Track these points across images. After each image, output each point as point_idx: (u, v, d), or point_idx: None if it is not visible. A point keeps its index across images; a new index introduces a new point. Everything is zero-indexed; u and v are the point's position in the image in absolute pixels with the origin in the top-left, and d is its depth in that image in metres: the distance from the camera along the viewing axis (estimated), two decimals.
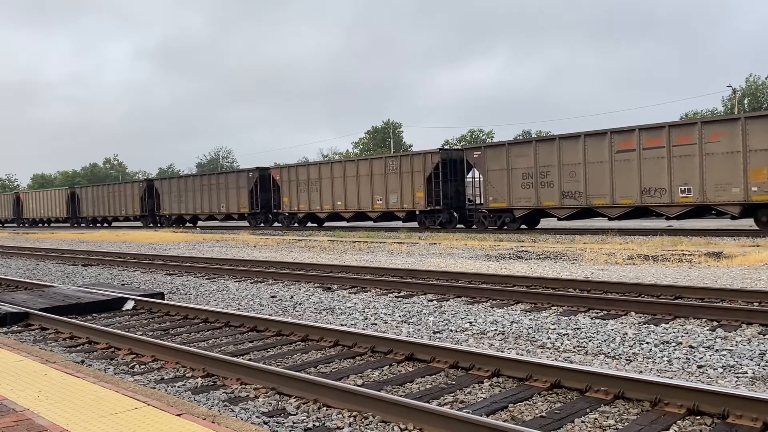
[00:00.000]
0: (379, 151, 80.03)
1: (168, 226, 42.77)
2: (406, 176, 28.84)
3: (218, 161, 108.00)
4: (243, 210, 37.81)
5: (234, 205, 38.28)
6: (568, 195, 23.16)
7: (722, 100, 71.43)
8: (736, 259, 12.74)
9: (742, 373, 5.29)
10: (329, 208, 32.43)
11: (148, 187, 45.76)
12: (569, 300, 8.50)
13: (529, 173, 24.27)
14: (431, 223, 28.28)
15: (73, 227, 51.01)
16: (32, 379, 4.89)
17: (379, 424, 4.23)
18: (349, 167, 31.65)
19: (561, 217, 23.82)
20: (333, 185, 32.15)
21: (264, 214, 37.02)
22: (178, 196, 42.61)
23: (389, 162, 29.86)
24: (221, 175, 40.73)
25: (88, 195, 51.76)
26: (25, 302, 9.32)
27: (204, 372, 5.64)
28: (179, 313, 8.73)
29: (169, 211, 43.50)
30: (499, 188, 25.17)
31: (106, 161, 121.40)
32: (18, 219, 60.08)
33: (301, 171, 34.30)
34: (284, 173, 35.24)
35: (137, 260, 17.66)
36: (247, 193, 37.16)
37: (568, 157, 23.06)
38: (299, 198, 34.03)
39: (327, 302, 9.43)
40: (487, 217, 26.14)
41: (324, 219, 34.04)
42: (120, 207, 47.74)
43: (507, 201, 24.93)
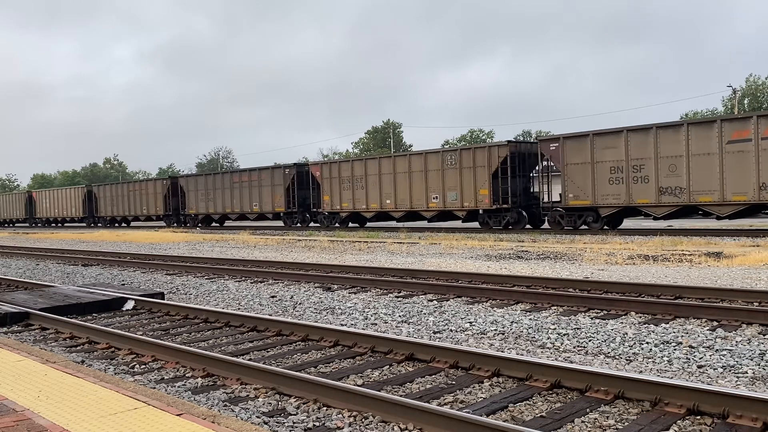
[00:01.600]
0: (379, 151, 79.93)
1: (194, 226, 40.83)
2: (467, 172, 26.26)
3: (218, 161, 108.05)
4: (278, 209, 35.45)
5: (268, 204, 35.96)
6: (667, 191, 20.72)
7: (722, 100, 71.49)
8: (736, 259, 12.74)
9: (742, 373, 5.29)
10: (376, 206, 30.10)
11: (172, 185, 43.16)
12: (569, 300, 8.50)
13: (618, 167, 21.68)
14: (496, 223, 26.02)
15: (90, 227, 48.82)
16: (32, 379, 4.89)
17: (379, 424, 4.23)
18: (400, 162, 29.28)
19: (658, 215, 21.36)
20: (381, 182, 29.75)
21: (301, 213, 34.87)
22: (205, 194, 40.11)
23: (447, 156, 27.32)
24: (254, 171, 37.64)
25: (106, 193, 49.48)
26: (25, 302, 9.32)
27: (204, 372, 5.64)
28: (179, 313, 8.73)
29: (195, 210, 41.04)
30: (581, 184, 22.65)
31: (106, 161, 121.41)
32: (30, 219, 57.86)
33: (344, 167, 31.91)
34: (325, 169, 32.84)
35: (137, 260, 17.66)
36: (283, 191, 34.89)
37: (667, 149, 20.57)
38: (342, 196, 31.70)
39: (327, 302, 9.43)
40: (564, 217, 23.59)
41: (370, 219, 31.80)
42: (141, 206, 45.25)
43: (591, 198, 22.39)
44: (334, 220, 32.48)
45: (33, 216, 57.30)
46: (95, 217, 50.45)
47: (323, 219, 33.15)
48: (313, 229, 32.53)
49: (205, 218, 40.92)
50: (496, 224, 25.97)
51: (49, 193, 56.91)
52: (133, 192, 46.24)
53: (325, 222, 32.95)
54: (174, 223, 42.97)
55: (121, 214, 47.56)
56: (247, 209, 37.34)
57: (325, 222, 32.95)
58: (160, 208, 43.52)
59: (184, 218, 42.45)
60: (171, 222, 43.26)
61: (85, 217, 51.00)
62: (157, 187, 44.14)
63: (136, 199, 45.72)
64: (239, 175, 38.43)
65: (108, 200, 48.91)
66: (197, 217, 41.14)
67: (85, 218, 51.19)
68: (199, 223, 40.73)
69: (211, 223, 41.17)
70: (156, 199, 43.76)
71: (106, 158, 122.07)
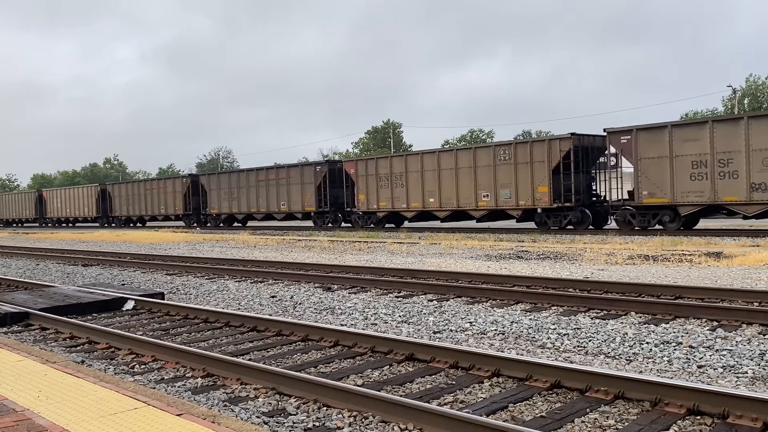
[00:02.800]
0: (379, 151, 79.91)
1: (216, 226, 39.23)
2: (523, 167, 24.33)
3: (218, 161, 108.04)
4: (308, 208, 33.48)
5: (297, 203, 34.02)
6: (761, 188, 18.94)
7: (722, 100, 71.47)
8: (736, 259, 12.74)
9: (742, 373, 5.29)
10: (418, 205, 28.10)
11: (192, 183, 41.18)
12: (569, 300, 8.50)
13: (701, 161, 19.86)
14: (555, 223, 24.14)
15: (104, 228, 47.25)
16: (32, 379, 4.89)
17: (379, 424, 4.23)
18: (445, 158, 27.18)
19: (749, 214, 19.68)
20: (423, 179, 27.68)
21: (333, 213, 32.87)
22: (228, 193, 38.12)
23: (500, 151, 25.26)
24: (282, 169, 35.93)
25: (121, 192, 47.58)
26: (25, 302, 9.32)
27: (204, 372, 5.64)
28: (179, 313, 8.73)
29: (217, 209, 39.11)
30: (657, 180, 20.78)
31: (106, 161, 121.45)
32: (40, 218, 56.01)
33: (382, 164, 29.80)
34: (360, 166, 30.70)
35: (137, 260, 17.66)
36: (314, 189, 32.89)
37: (761, 141, 18.89)
38: (379, 194, 29.59)
39: (327, 302, 9.43)
40: (635, 216, 21.73)
41: (410, 218, 29.76)
42: (158, 205, 43.35)
43: (669, 196, 20.58)
44: (370, 220, 30.62)
45: (43, 216, 55.69)
46: (109, 216, 48.91)
47: (357, 219, 31.35)
48: (344, 229, 31.00)
49: (227, 218, 39.25)
50: (556, 224, 24.08)
51: (60, 192, 55.09)
52: (150, 191, 44.41)
53: (360, 222, 31.13)
54: (194, 223, 41.36)
55: (137, 213, 45.85)
56: (274, 209, 35.60)
57: (360, 222, 31.13)
58: (179, 207, 41.77)
59: (205, 218, 40.75)
60: (191, 222, 41.66)
61: (98, 216, 49.47)
62: (177, 186, 42.34)
63: (153, 198, 43.93)
64: (266, 173, 36.34)
65: (123, 199, 47.12)
66: (219, 217, 39.46)
67: (98, 218, 49.68)
68: (221, 223, 39.18)
69: (233, 223, 39.61)
70: (175, 198, 42.00)
71: (106, 158, 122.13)
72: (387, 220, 30.62)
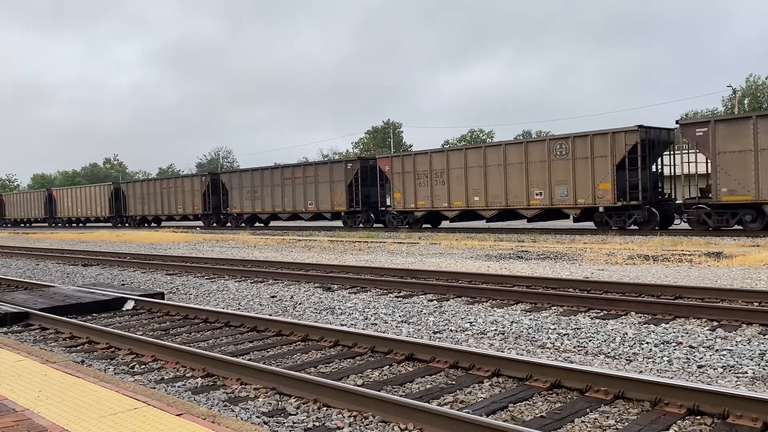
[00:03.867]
0: (379, 151, 79.89)
1: (237, 226, 37.59)
2: (582, 163, 22.67)
3: (218, 161, 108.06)
4: (338, 208, 31.90)
5: (326, 203, 32.42)
6: None
7: (722, 100, 71.54)
8: (736, 259, 12.74)
9: (742, 373, 5.29)
10: (460, 204, 26.35)
11: (212, 182, 39.53)
12: (569, 300, 8.50)
13: None
14: (618, 223, 22.35)
15: (117, 228, 45.79)
16: (32, 379, 4.89)
17: (379, 424, 4.23)
18: (491, 154, 25.42)
19: None
20: (467, 176, 25.94)
21: (365, 212, 31.20)
22: (251, 191, 36.42)
23: (556, 145, 23.45)
24: (310, 166, 34.34)
25: (135, 191, 45.82)
26: (25, 302, 9.32)
27: (204, 372, 5.64)
28: (179, 313, 8.73)
29: (239, 209, 37.45)
30: (738, 176, 19.23)
31: (106, 161, 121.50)
32: (50, 218, 54.25)
33: (420, 160, 28.01)
34: (396, 163, 28.97)
35: (137, 260, 17.66)
36: (344, 187, 31.26)
37: None
38: (417, 193, 27.90)
39: (327, 302, 9.43)
40: (711, 215, 20.21)
41: (452, 218, 27.73)
42: (176, 205, 41.68)
43: (753, 193, 19.01)
44: (406, 220, 28.99)
45: (53, 216, 54.04)
46: (123, 216, 47.32)
47: (392, 219, 29.67)
48: (376, 229, 29.35)
49: (250, 218, 37.60)
50: (619, 224, 22.36)
51: (71, 191, 53.28)
52: (167, 189, 42.62)
53: (394, 222, 29.47)
54: (214, 223, 39.88)
55: (153, 213, 44.22)
56: (300, 208, 33.86)
57: (394, 222, 29.47)
58: (198, 206, 40.15)
59: (226, 218, 39.16)
60: (210, 222, 40.17)
61: (111, 216, 47.84)
62: (195, 184, 40.59)
63: (170, 197, 42.22)
64: (292, 171, 34.73)
65: (138, 198, 45.42)
66: (241, 217, 37.78)
67: (111, 218, 48.08)
68: (243, 223, 37.54)
69: (256, 223, 37.99)
70: (194, 197, 40.39)
71: (106, 158, 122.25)
72: (426, 219, 28.94)
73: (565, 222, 26.09)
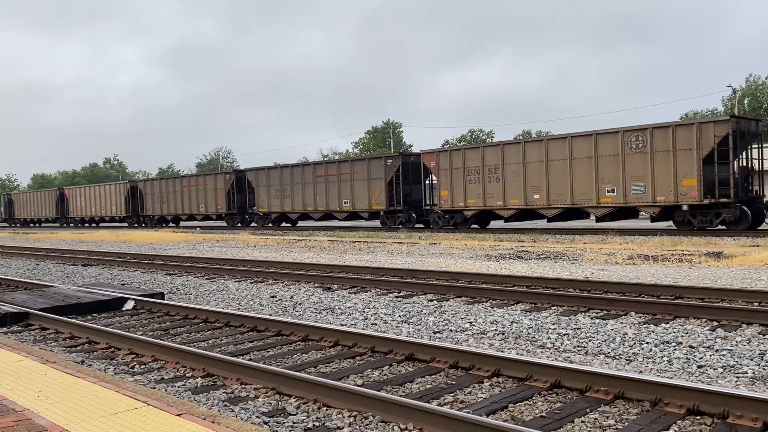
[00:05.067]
0: (380, 152, 79.84)
1: (263, 226, 35.98)
2: (662, 157, 20.66)
3: (218, 161, 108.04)
4: (377, 207, 29.91)
5: (363, 201, 30.49)
6: None
7: (722, 100, 71.52)
8: (736, 259, 12.74)
9: (742, 373, 5.29)
10: (517, 202, 24.42)
11: (237, 180, 37.91)
12: (569, 300, 8.50)
13: None
14: (705, 222, 20.50)
15: (133, 228, 44.20)
16: (32, 379, 4.89)
17: (379, 424, 4.23)
18: (555, 147, 23.39)
19: None
20: (526, 172, 24.04)
21: (407, 212, 29.21)
22: (280, 190, 34.74)
23: (631, 138, 21.48)
24: (345, 163, 32.57)
25: (154, 190, 44.07)
26: (25, 302, 9.32)
27: (204, 372, 5.64)
28: (179, 313, 8.73)
29: (267, 208, 35.61)
30: None
31: (106, 161, 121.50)
32: (62, 218, 52.97)
33: (470, 155, 25.99)
34: (443, 158, 26.84)
35: (137, 260, 17.66)
36: (384, 185, 29.34)
37: None
38: (467, 190, 25.89)
39: (327, 302, 9.43)
40: None
41: (507, 218, 25.53)
42: (197, 204, 40.00)
43: None
44: (453, 220, 26.96)
45: (65, 215, 52.72)
46: (140, 216, 45.54)
47: (437, 218, 27.64)
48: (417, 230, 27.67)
49: (278, 217, 35.76)
50: (704, 224, 20.54)
51: (85, 190, 51.63)
52: (188, 188, 40.84)
53: (440, 222, 27.47)
54: (238, 223, 38.20)
55: (173, 212, 42.47)
56: (334, 207, 32.03)
57: (440, 222, 27.47)
58: (221, 206, 38.41)
59: (251, 217, 37.34)
60: (234, 222, 38.48)
61: (127, 216, 46.11)
62: (219, 182, 38.85)
63: (191, 196, 40.47)
64: (325, 168, 32.93)
65: (156, 197, 43.66)
66: (268, 217, 35.93)
67: (127, 218, 46.30)
68: (270, 223, 35.83)
69: (284, 222, 36.24)
70: (216, 196, 38.67)
71: (106, 158, 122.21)
72: (476, 218, 26.84)
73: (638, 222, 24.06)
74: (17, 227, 57.05)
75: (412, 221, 29.28)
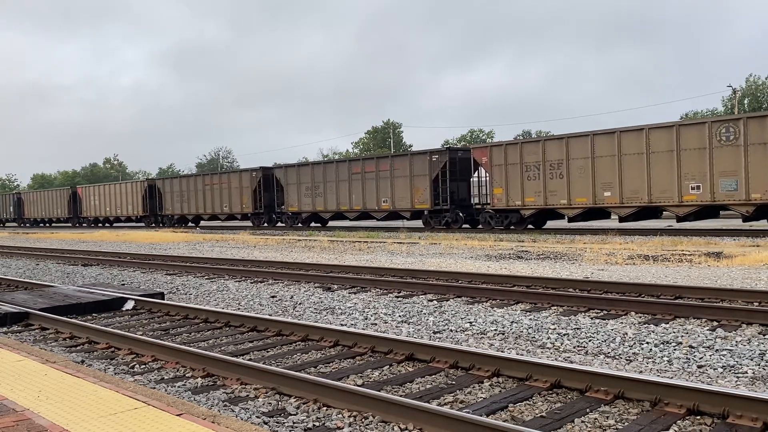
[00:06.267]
0: (380, 152, 79.75)
1: (291, 226, 34.39)
2: (759, 150, 18.63)
3: (218, 161, 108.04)
4: (420, 206, 27.91)
5: (404, 200, 28.49)
6: None
7: (722, 100, 71.53)
8: (736, 259, 12.73)
9: (742, 373, 5.29)
10: (585, 201, 22.46)
11: (264, 177, 36.06)
12: (569, 300, 8.50)
13: None
14: None
15: (150, 228, 42.55)
16: (32, 379, 4.89)
17: (379, 424, 4.23)
18: (629, 140, 21.35)
19: None
20: (594, 167, 22.05)
21: (453, 211, 27.13)
22: (311, 188, 32.86)
23: (720, 129, 19.46)
24: (384, 159, 30.39)
25: (173, 188, 42.19)
26: (25, 302, 9.31)
27: (204, 372, 5.64)
28: (179, 313, 8.73)
29: (297, 207, 33.77)
30: None
31: (106, 161, 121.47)
32: (74, 218, 51.43)
33: (529, 149, 23.98)
34: (496, 153, 24.87)
35: (137, 260, 17.66)
36: (428, 183, 27.38)
37: None
38: (525, 188, 23.94)
39: (327, 302, 9.43)
40: None
41: (572, 217, 23.45)
42: (221, 203, 38.35)
43: None
44: (508, 220, 25.00)
45: (78, 215, 51.04)
46: (158, 216, 43.87)
47: (489, 218, 25.61)
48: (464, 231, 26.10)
49: (310, 217, 34.03)
50: None
51: (99, 189, 49.57)
52: (211, 186, 39.18)
53: (492, 222, 25.50)
54: (265, 223, 36.55)
55: (193, 212, 40.77)
56: (372, 206, 30.01)
57: (492, 222, 25.50)
58: (247, 205, 36.63)
59: (279, 217, 35.65)
60: (261, 222, 36.71)
61: (145, 216, 44.40)
62: (244, 180, 37.01)
63: (214, 195, 38.85)
64: (362, 164, 30.79)
65: (176, 196, 41.86)
66: (299, 216, 34.23)
67: (144, 217, 44.62)
68: (300, 223, 34.25)
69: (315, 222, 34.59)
70: (242, 195, 36.94)
71: (106, 158, 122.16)
72: (536, 218, 25.03)
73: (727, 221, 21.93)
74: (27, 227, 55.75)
75: (460, 221, 27.24)
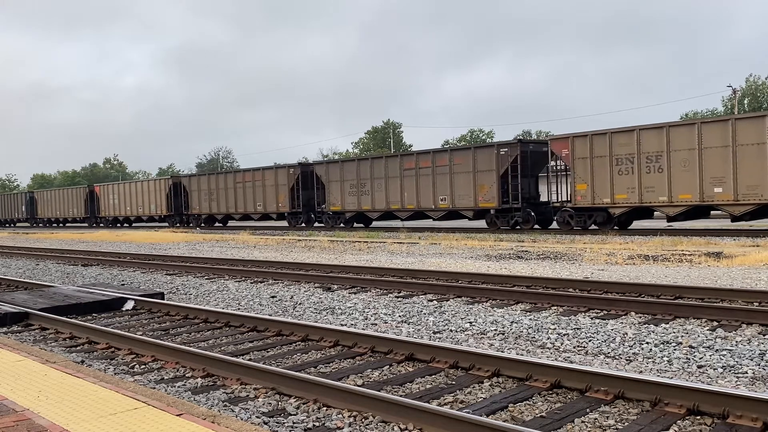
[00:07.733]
0: (380, 151, 79.70)
1: (332, 226, 32.00)
2: None
3: (218, 161, 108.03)
4: (485, 204, 25.55)
5: (466, 198, 26.16)
6: None
7: (722, 100, 71.56)
8: (736, 259, 12.73)
9: (742, 373, 5.29)
10: (689, 197, 19.95)
11: (302, 174, 33.94)
12: (569, 300, 8.50)
13: None
14: None
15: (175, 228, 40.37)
16: (32, 379, 4.89)
17: (379, 424, 4.23)
18: (745, 128, 18.77)
19: None
20: (702, 160, 19.49)
21: (524, 210, 24.80)
22: (357, 185, 30.63)
23: None
24: (442, 153, 27.68)
25: (201, 186, 39.86)
26: (25, 302, 9.31)
27: (204, 372, 5.64)
28: (179, 313, 8.73)
29: (340, 206, 31.74)
30: None
31: (106, 161, 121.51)
32: (92, 218, 49.79)
33: (620, 140, 21.36)
34: (579, 145, 22.30)
35: (137, 260, 17.65)
36: (495, 178, 25.13)
37: None
38: (614, 183, 21.46)
39: (327, 302, 9.43)
40: None
41: (672, 216, 20.89)
42: (254, 202, 36.21)
43: None
44: (592, 219, 22.68)
45: (96, 215, 49.39)
46: (184, 215, 41.86)
47: (568, 218, 23.15)
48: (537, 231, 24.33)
49: (354, 216, 31.58)
50: None
51: (119, 187, 47.69)
52: (243, 184, 37.00)
53: (571, 222, 23.06)
54: (303, 222, 34.33)
55: (223, 211, 38.71)
56: (427, 205, 27.75)
57: (571, 222, 23.06)
58: (283, 203, 34.48)
59: (320, 216, 33.34)
60: (298, 221, 34.60)
61: (168, 215, 42.43)
62: (281, 178, 34.73)
63: (247, 193, 36.70)
64: (416, 159, 28.35)
65: (204, 195, 39.79)
66: (341, 216, 31.76)
67: (168, 217, 42.61)
68: (343, 223, 31.84)
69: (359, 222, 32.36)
70: (278, 193, 34.74)
71: (106, 158, 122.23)
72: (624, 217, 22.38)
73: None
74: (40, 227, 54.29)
75: (532, 221, 24.95)
